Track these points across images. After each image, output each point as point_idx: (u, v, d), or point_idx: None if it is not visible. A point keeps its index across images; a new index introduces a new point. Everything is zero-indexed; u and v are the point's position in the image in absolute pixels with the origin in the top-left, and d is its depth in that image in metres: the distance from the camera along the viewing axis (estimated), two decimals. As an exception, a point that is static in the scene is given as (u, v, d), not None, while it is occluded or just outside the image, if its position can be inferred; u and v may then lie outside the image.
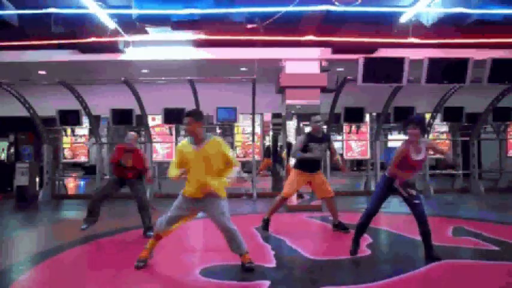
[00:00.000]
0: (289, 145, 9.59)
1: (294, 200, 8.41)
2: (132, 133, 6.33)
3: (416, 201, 4.65)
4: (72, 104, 10.30)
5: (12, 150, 12.29)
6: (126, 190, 6.21)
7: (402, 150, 4.57)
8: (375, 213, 4.84)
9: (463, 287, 3.99)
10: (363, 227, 4.89)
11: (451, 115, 10.93)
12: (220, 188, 4.34)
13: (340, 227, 6.13)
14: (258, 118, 12.80)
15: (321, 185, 6.12)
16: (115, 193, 6.25)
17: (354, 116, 10.83)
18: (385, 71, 8.38)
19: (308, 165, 6.05)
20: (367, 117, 12.55)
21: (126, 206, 6.00)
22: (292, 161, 6.57)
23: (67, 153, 12.83)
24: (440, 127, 12.45)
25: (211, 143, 4.35)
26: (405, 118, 10.59)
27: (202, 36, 8.95)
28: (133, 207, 6.35)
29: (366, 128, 12.63)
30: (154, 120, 12.73)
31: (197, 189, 4.30)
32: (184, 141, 4.48)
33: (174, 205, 4.45)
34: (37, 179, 10.35)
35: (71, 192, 12.60)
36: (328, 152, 6.41)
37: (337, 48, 9.67)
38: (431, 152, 4.81)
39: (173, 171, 4.36)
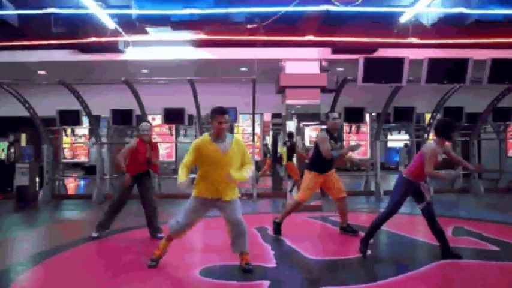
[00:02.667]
0: (291, 146, 9.56)
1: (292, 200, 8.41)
2: (146, 123, 5.94)
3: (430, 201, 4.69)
4: (72, 104, 10.29)
5: (12, 150, 12.29)
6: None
7: (435, 150, 4.52)
8: (393, 216, 4.79)
9: (463, 287, 3.99)
10: (377, 229, 4.86)
11: (451, 115, 10.90)
12: (236, 185, 4.32)
13: (348, 229, 5.94)
14: (258, 118, 12.82)
15: (335, 183, 5.89)
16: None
17: (354, 116, 10.82)
18: (385, 71, 8.37)
19: (325, 166, 5.80)
20: (367, 117, 12.54)
21: (126, 206, 5.99)
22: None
23: (67, 153, 12.83)
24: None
25: (235, 142, 4.26)
26: (405, 118, 10.67)
27: (202, 36, 8.97)
28: (133, 207, 6.36)
29: (366, 128, 12.62)
30: (155, 120, 12.74)
31: (215, 189, 4.23)
32: (204, 137, 4.29)
33: (188, 209, 4.34)
34: (37, 179, 10.35)
35: (71, 192, 12.60)
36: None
37: (337, 48, 9.68)
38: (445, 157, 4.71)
39: (183, 176, 4.10)
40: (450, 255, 4.63)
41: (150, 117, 11.57)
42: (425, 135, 10.89)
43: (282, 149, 11.48)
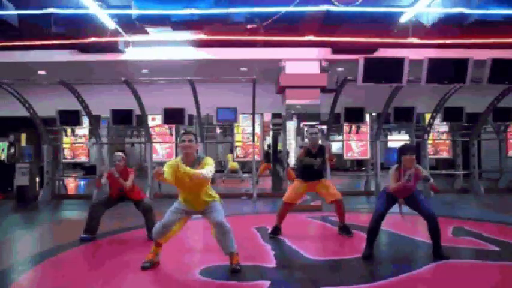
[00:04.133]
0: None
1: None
2: (120, 153, 6.01)
3: (421, 198, 4.77)
4: (72, 104, 10.29)
5: (12, 150, 12.29)
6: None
7: (393, 174, 4.78)
8: (383, 218, 4.83)
9: (463, 287, 3.99)
10: (374, 231, 4.86)
11: (451, 115, 10.92)
12: (212, 193, 4.43)
13: (342, 230, 5.98)
14: (258, 118, 12.80)
15: (325, 189, 5.97)
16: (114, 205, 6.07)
17: (354, 116, 10.82)
18: (385, 71, 8.36)
19: (307, 175, 5.93)
20: (367, 117, 12.53)
21: (126, 206, 5.99)
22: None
23: (67, 153, 12.81)
24: (440, 127, 12.43)
25: (201, 165, 4.26)
26: (405, 118, 10.68)
27: (202, 36, 8.98)
28: (133, 208, 6.34)
29: (366, 128, 12.62)
30: (154, 120, 12.72)
31: (190, 205, 4.41)
32: (177, 159, 4.33)
33: (170, 210, 4.46)
34: (37, 179, 10.35)
35: (71, 192, 12.60)
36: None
37: (337, 48, 9.68)
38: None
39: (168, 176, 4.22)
40: (440, 255, 4.65)
41: (150, 117, 11.59)
42: (425, 135, 10.89)
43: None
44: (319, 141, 5.97)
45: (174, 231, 4.48)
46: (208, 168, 4.15)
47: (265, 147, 13.72)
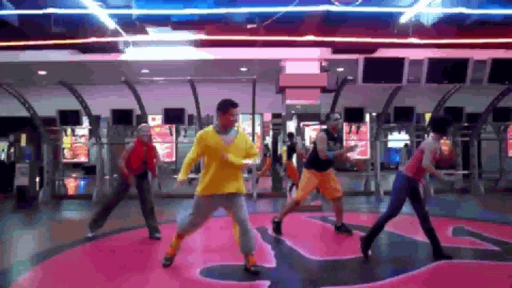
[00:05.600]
0: (292, 145, 9.55)
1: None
2: (146, 124, 5.95)
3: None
4: (72, 104, 10.30)
5: (12, 150, 12.30)
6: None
7: (434, 145, 4.54)
8: (395, 216, 4.75)
9: (463, 287, 3.99)
10: (380, 230, 4.82)
11: (451, 115, 10.87)
12: (241, 180, 4.31)
13: (343, 229, 5.97)
14: (258, 118, 12.82)
15: (332, 183, 5.88)
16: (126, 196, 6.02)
17: (354, 116, 10.82)
18: (385, 71, 8.37)
19: (323, 164, 5.78)
20: (367, 117, 12.53)
21: (126, 206, 5.99)
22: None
23: (67, 153, 12.82)
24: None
25: (240, 134, 4.27)
26: (405, 118, 10.67)
27: (202, 36, 8.97)
28: (132, 208, 6.36)
29: (366, 128, 12.62)
30: (155, 120, 12.73)
31: (219, 184, 4.18)
32: (208, 128, 4.27)
33: (195, 208, 4.31)
34: (37, 179, 10.35)
35: (71, 192, 12.60)
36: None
37: (337, 48, 9.67)
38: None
39: (183, 174, 4.20)
40: (441, 255, 4.64)
41: (150, 117, 11.59)
42: (425, 135, 10.89)
43: (282, 149, 11.49)
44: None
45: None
46: (254, 157, 4.24)
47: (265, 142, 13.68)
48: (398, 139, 17.87)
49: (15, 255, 5.36)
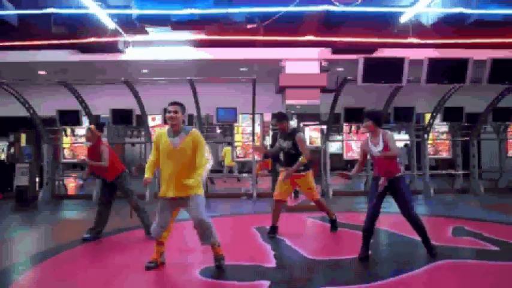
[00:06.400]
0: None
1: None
2: (90, 126, 5.92)
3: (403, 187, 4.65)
4: (72, 104, 10.29)
5: (12, 150, 12.28)
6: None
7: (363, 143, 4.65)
8: (377, 215, 4.71)
9: (463, 287, 3.99)
10: (367, 231, 4.78)
11: (451, 115, 10.92)
12: (197, 185, 4.20)
13: (332, 224, 6.12)
14: (258, 118, 12.82)
15: (305, 188, 5.97)
16: (115, 196, 6.04)
17: (354, 116, 10.81)
18: (385, 71, 8.37)
19: (282, 161, 6.04)
20: (367, 117, 12.52)
21: (126, 207, 5.98)
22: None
23: (67, 153, 12.82)
24: (440, 127, 12.43)
25: (190, 135, 4.21)
26: (405, 118, 10.68)
27: (202, 36, 8.98)
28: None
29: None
30: (154, 120, 12.74)
31: (172, 186, 4.20)
32: (162, 130, 4.32)
33: (157, 211, 4.39)
34: (37, 179, 10.34)
35: (71, 192, 12.59)
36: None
37: (337, 48, 9.68)
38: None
39: (148, 173, 4.28)
40: (431, 253, 4.66)
41: (150, 117, 11.59)
42: (425, 135, 10.89)
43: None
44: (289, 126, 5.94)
45: (169, 227, 4.49)
46: (208, 164, 4.23)
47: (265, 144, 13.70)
48: (398, 139, 17.85)
49: (15, 255, 5.35)
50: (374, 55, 9.43)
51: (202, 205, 4.29)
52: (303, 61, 9.81)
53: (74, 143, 12.58)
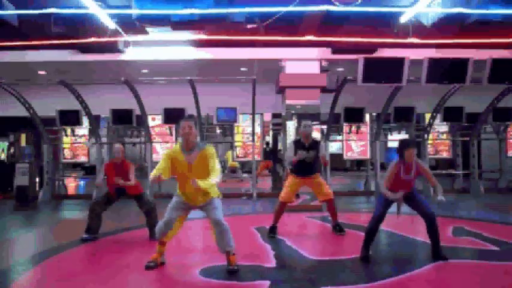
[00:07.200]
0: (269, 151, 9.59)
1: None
2: (118, 145, 5.98)
3: (421, 197, 4.79)
4: (72, 104, 10.29)
5: (12, 150, 12.27)
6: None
7: (393, 168, 4.68)
8: (383, 218, 4.78)
9: (463, 287, 3.99)
10: (373, 232, 4.82)
11: (451, 115, 10.92)
12: (212, 189, 4.31)
13: (336, 228, 6.05)
14: (258, 118, 12.81)
15: (319, 187, 6.02)
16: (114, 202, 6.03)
17: (354, 116, 10.82)
18: (385, 71, 8.36)
19: (300, 170, 5.92)
20: (367, 117, 12.53)
21: (126, 207, 5.99)
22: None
23: (67, 153, 12.81)
24: (440, 127, 12.43)
25: (202, 152, 4.24)
26: (405, 118, 10.67)
27: (202, 36, 8.97)
28: (133, 207, 6.35)
29: (366, 128, 12.62)
30: (154, 120, 12.72)
31: (188, 198, 4.35)
32: (175, 147, 4.40)
33: (169, 206, 4.44)
34: (37, 179, 10.33)
35: (71, 192, 12.59)
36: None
37: (337, 48, 9.68)
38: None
39: (155, 172, 4.30)
40: (439, 255, 4.65)
41: (150, 117, 11.58)
42: (425, 135, 10.89)
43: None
44: (312, 135, 5.99)
45: (176, 228, 4.48)
46: (218, 176, 4.19)
47: (264, 145, 13.72)
48: (398, 139, 17.86)
49: (15, 255, 5.36)
50: (374, 55, 9.43)
51: (219, 208, 4.38)
52: (303, 61, 9.80)
53: (74, 143, 12.57)
